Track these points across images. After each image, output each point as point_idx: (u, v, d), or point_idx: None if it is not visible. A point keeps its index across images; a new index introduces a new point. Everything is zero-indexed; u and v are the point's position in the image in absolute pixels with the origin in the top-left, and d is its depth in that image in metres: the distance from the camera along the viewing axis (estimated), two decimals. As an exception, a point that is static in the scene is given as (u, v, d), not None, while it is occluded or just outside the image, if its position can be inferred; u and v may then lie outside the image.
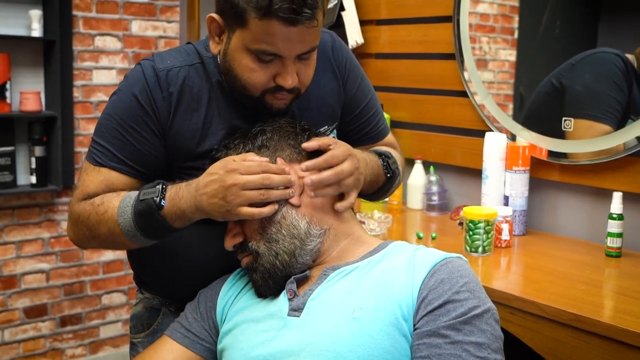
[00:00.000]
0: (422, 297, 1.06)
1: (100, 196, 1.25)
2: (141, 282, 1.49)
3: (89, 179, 1.27)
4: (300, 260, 1.17)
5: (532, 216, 2.10)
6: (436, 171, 2.34)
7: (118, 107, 1.26)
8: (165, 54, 1.31)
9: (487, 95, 2.19)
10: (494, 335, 1.05)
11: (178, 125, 1.26)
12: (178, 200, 1.17)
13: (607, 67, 1.95)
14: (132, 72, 1.29)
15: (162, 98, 1.25)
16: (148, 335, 1.45)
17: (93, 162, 1.27)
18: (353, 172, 1.21)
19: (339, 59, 1.40)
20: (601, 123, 1.91)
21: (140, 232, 1.20)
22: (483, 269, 1.71)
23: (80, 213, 1.26)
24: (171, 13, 3.47)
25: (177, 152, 1.28)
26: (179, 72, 1.26)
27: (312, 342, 1.07)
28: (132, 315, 1.50)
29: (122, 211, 1.20)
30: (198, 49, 1.31)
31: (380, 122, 1.51)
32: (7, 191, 3.00)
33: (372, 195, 1.46)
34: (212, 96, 1.28)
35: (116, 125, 1.25)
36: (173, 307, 1.44)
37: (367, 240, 1.23)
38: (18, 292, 3.17)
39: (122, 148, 1.25)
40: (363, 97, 1.46)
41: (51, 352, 3.28)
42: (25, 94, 2.98)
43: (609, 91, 1.93)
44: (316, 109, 1.37)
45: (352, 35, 2.56)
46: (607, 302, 1.52)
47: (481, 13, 2.26)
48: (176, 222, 1.19)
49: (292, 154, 1.20)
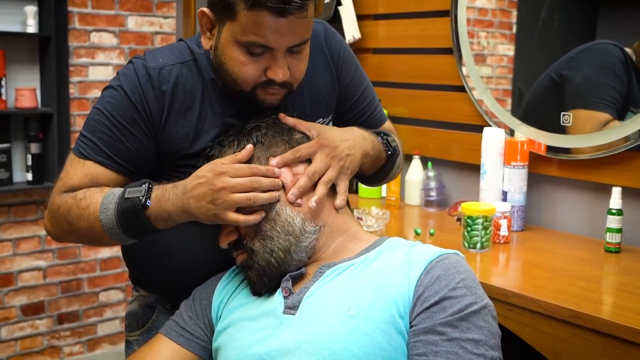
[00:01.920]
0: (418, 294, 1.05)
1: (82, 190, 1.22)
2: (136, 280, 1.47)
3: (73, 171, 1.24)
4: (295, 257, 1.16)
5: (531, 212, 2.09)
6: (434, 167, 2.33)
7: (108, 103, 1.24)
8: (157, 51, 1.29)
9: (485, 90, 2.18)
10: (491, 331, 1.04)
11: (171, 124, 1.25)
12: (164, 202, 1.16)
13: (606, 58, 1.95)
14: (124, 69, 1.27)
15: (154, 97, 1.23)
16: (143, 333, 1.44)
17: (79, 154, 1.25)
18: (329, 164, 1.20)
19: (332, 49, 1.39)
20: (601, 112, 1.91)
21: (122, 230, 1.18)
22: (481, 265, 1.70)
23: (60, 205, 1.23)
24: (167, 9, 3.45)
25: (171, 151, 1.26)
26: (172, 70, 1.25)
27: (307, 340, 1.06)
28: (128, 313, 1.49)
29: (105, 207, 1.18)
30: (190, 46, 1.29)
31: (377, 110, 1.50)
32: (3, 188, 2.98)
33: (374, 177, 1.43)
34: (205, 94, 1.26)
35: (105, 121, 1.23)
36: (168, 305, 1.42)
37: (363, 236, 1.22)
38: (15, 289, 3.16)
39: (110, 143, 1.23)
40: (358, 86, 1.45)
41: (48, 350, 3.27)
42: (20, 90, 2.97)
43: (609, 80, 1.93)
44: (310, 101, 1.35)
45: (349, 30, 2.55)
46: (607, 299, 1.51)
47: (479, 8, 2.25)
48: (160, 223, 1.18)
49: (286, 149, 1.19)
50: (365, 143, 1.30)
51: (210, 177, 1.12)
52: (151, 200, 1.16)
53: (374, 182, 1.49)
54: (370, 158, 1.32)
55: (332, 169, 1.20)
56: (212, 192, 1.11)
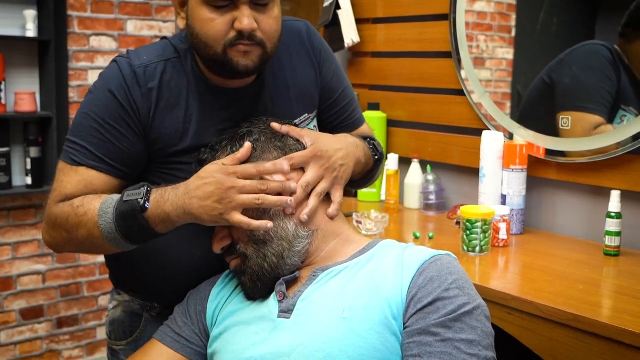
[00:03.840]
0: (412, 296, 1.05)
1: (79, 198, 1.21)
2: (120, 282, 1.45)
3: (67, 179, 1.23)
4: (288, 262, 1.16)
5: (530, 215, 2.08)
6: (433, 170, 2.32)
7: (95, 105, 1.23)
8: (140, 50, 1.29)
9: (484, 93, 2.18)
10: (485, 332, 1.04)
11: (159, 121, 1.24)
12: (163, 203, 1.15)
13: (594, 59, 1.96)
14: (107, 70, 1.27)
15: (140, 95, 1.23)
16: (130, 342, 1.42)
17: (70, 161, 1.23)
18: (323, 175, 1.20)
19: (315, 46, 1.41)
20: (592, 114, 1.91)
21: (121, 235, 1.16)
22: (480, 268, 1.70)
23: (58, 215, 1.22)
24: (167, 13, 3.45)
25: (160, 148, 1.26)
26: (156, 68, 1.25)
27: (302, 343, 1.06)
28: (112, 319, 1.45)
29: (103, 212, 1.16)
30: (173, 43, 1.30)
31: (356, 110, 1.52)
32: (2, 192, 2.98)
33: (359, 181, 1.44)
34: (190, 89, 1.27)
35: (93, 124, 1.22)
36: (154, 312, 1.41)
37: (356, 239, 1.22)
38: (14, 293, 3.16)
39: (101, 146, 1.22)
40: (339, 84, 1.46)
41: (48, 354, 3.27)
42: (20, 94, 2.97)
43: (598, 82, 1.93)
44: (296, 97, 1.36)
45: (349, 34, 2.55)
46: (606, 302, 1.51)
47: (478, 11, 2.25)
48: (159, 226, 1.16)
49: (279, 156, 1.19)
50: (358, 151, 1.31)
51: (218, 177, 1.12)
52: (150, 202, 1.15)
53: (357, 187, 1.50)
54: (361, 165, 1.33)
55: (326, 180, 1.21)
56: (220, 192, 1.11)
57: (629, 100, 1.84)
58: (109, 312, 1.48)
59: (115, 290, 1.48)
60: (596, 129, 1.89)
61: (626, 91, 1.86)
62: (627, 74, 1.85)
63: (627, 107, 1.82)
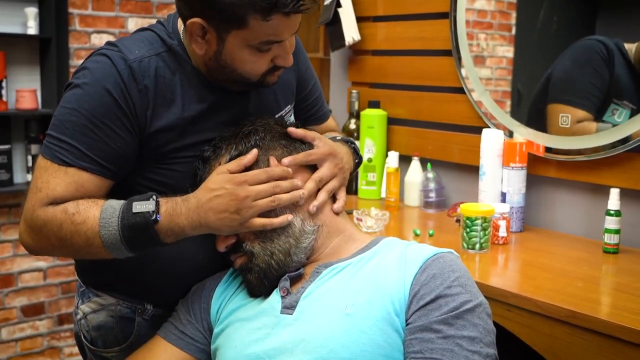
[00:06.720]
0: (414, 292, 1.06)
1: (72, 203, 1.14)
2: (104, 284, 1.37)
3: (55, 180, 1.14)
4: (295, 258, 1.17)
5: (530, 213, 2.09)
6: (433, 168, 2.33)
7: (86, 102, 1.15)
8: (128, 42, 1.22)
9: (484, 91, 2.19)
10: (486, 329, 1.05)
11: (157, 118, 1.20)
12: (177, 217, 1.13)
13: (586, 54, 1.96)
14: (97, 63, 1.18)
15: (138, 92, 1.17)
16: (125, 349, 1.35)
17: (58, 161, 1.14)
18: (336, 173, 1.23)
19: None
20: (578, 109, 1.92)
21: (125, 245, 1.13)
22: (480, 265, 1.70)
23: (47, 221, 1.13)
24: (168, 10, 3.45)
25: (157, 145, 1.22)
26: (150, 62, 1.19)
27: (305, 339, 1.07)
28: (98, 325, 1.36)
29: (106, 222, 1.12)
30: (161, 37, 1.24)
31: (324, 104, 1.57)
32: (3, 189, 2.99)
33: None
34: (184, 84, 1.23)
35: (85, 122, 1.14)
36: (147, 314, 1.36)
37: (359, 237, 1.23)
38: (15, 290, 3.17)
39: (93, 146, 1.15)
40: (311, 76, 1.51)
41: (49, 351, 3.28)
42: (21, 92, 2.98)
43: (588, 77, 1.95)
44: (280, 89, 1.37)
45: (349, 32, 2.55)
46: (605, 299, 1.52)
47: (478, 9, 2.26)
48: (169, 238, 1.14)
49: (284, 154, 1.20)
50: (350, 157, 1.36)
51: (230, 188, 1.12)
52: (161, 215, 1.12)
53: None
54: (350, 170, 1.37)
55: (337, 179, 1.24)
56: (236, 203, 1.11)
57: (624, 95, 1.84)
58: (85, 315, 1.38)
59: (88, 291, 1.40)
60: (579, 123, 1.90)
61: (621, 86, 1.86)
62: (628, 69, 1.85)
63: (619, 100, 1.82)
